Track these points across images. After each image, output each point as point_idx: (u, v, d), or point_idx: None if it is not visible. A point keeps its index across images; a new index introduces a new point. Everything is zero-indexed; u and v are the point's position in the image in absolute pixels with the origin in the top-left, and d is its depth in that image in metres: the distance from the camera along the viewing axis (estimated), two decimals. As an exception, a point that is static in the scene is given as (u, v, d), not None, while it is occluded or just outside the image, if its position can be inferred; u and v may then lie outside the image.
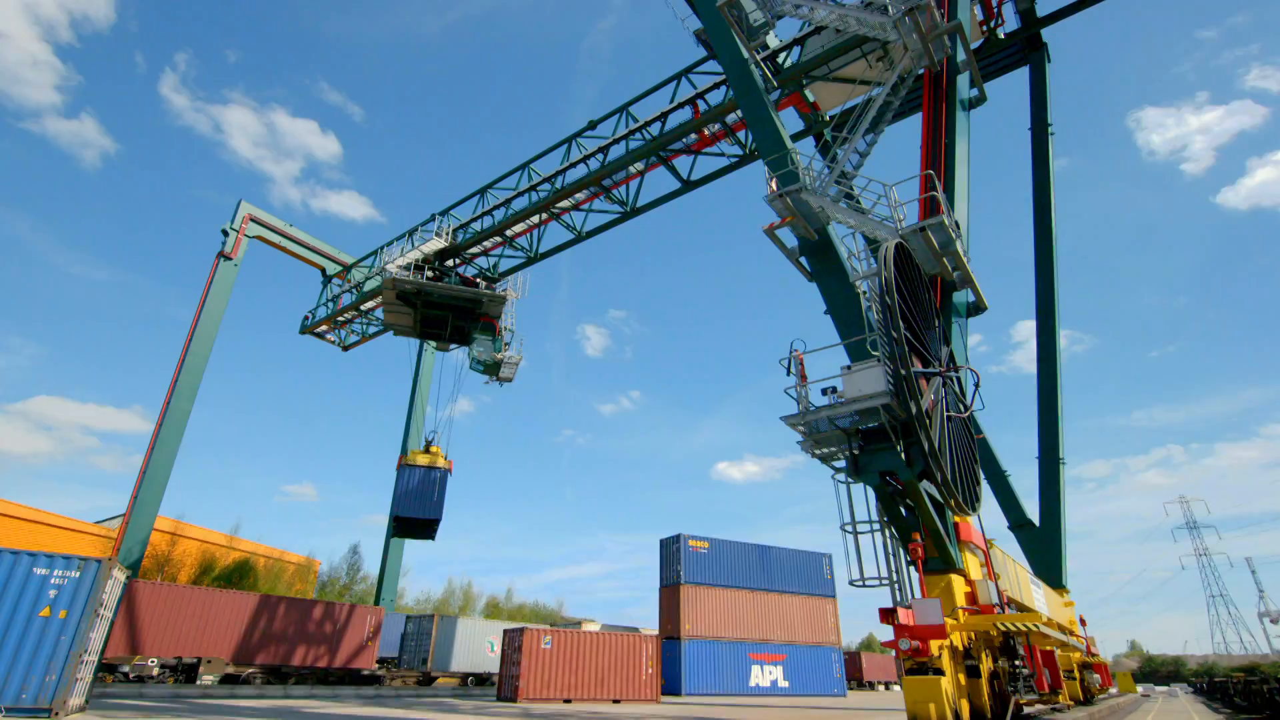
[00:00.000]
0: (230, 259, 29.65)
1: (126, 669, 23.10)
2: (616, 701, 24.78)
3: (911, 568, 9.69)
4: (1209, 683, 52.01)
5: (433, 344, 29.03)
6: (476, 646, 32.99)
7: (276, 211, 46.86)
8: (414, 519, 26.35)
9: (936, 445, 8.81)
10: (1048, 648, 13.92)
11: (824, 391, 9.65)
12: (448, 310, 26.59)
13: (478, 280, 27.40)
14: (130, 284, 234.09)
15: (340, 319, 29.49)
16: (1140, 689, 54.32)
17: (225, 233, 29.96)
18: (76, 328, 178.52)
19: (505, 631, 25.36)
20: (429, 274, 26.14)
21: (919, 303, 9.84)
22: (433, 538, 28.65)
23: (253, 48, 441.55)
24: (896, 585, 9.65)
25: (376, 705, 19.99)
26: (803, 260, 12.77)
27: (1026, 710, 11.91)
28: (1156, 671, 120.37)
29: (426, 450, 27.08)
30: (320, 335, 31.99)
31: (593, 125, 23.14)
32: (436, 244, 26.39)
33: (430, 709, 18.55)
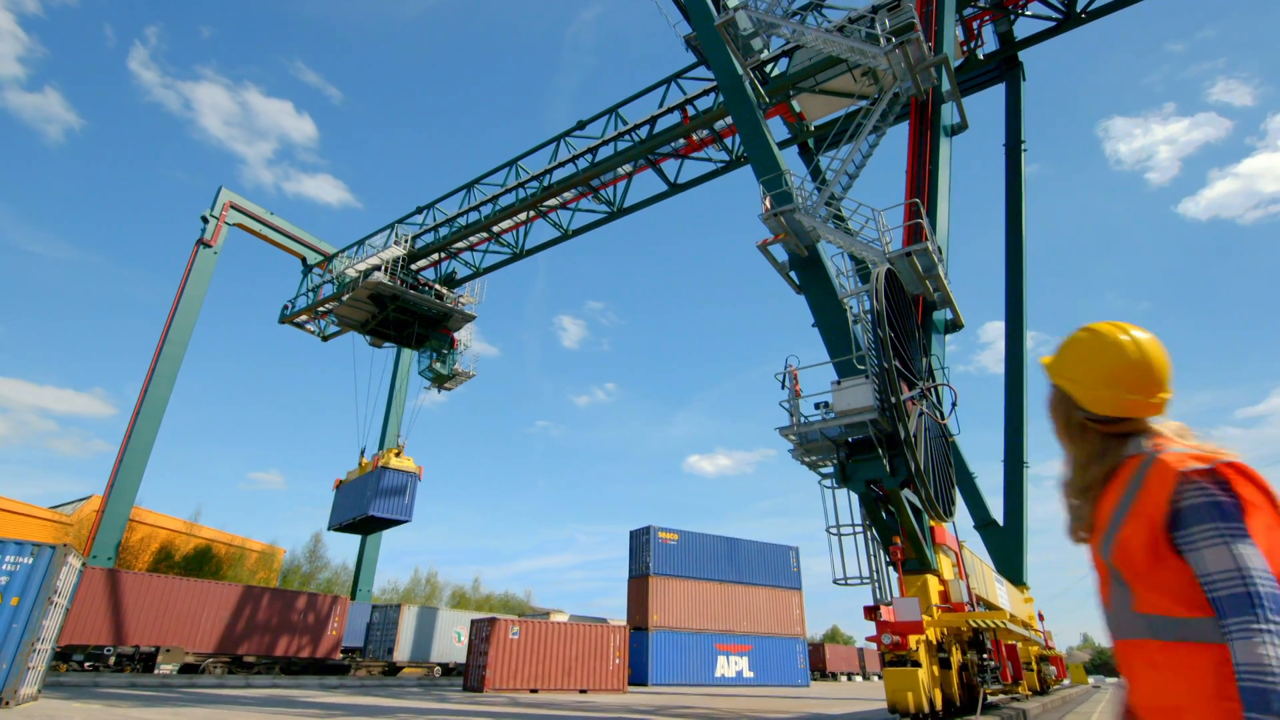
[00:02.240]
0: (210, 246, 29.29)
1: (81, 657, 22.85)
2: (584, 691, 25.19)
3: (891, 568, 10.36)
4: (1153, 674, 54.15)
5: (367, 338, 29.49)
6: (443, 636, 33.12)
7: (248, 194, 46.03)
8: (381, 519, 26.47)
9: (922, 466, 9.46)
10: (1011, 642, 14.81)
11: (816, 406, 10.25)
12: (414, 318, 27.59)
13: (437, 285, 28.23)
14: (93, 264, 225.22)
15: (320, 309, 29.35)
16: (1092, 680, 56.56)
17: (205, 219, 29.54)
18: (35, 307, 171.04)
19: (473, 621, 25.53)
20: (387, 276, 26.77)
21: (903, 321, 10.46)
22: (367, 533, 29.03)
23: (227, 23, 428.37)
24: (877, 584, 10.31)
25: (346, 694, 20.13)
26: (792, 274, 13.34)
27: (990, 699, 12.74)
28: (1107, 663, 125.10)
29: (398, 453, 27.26)
30: (300, 325, 31.72)
31: (582, 125, 23.37)
32: (396, 251, 26.95)
33: (409, 697, 18.78)
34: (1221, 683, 1.25)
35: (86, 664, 22.84)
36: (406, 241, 27.17)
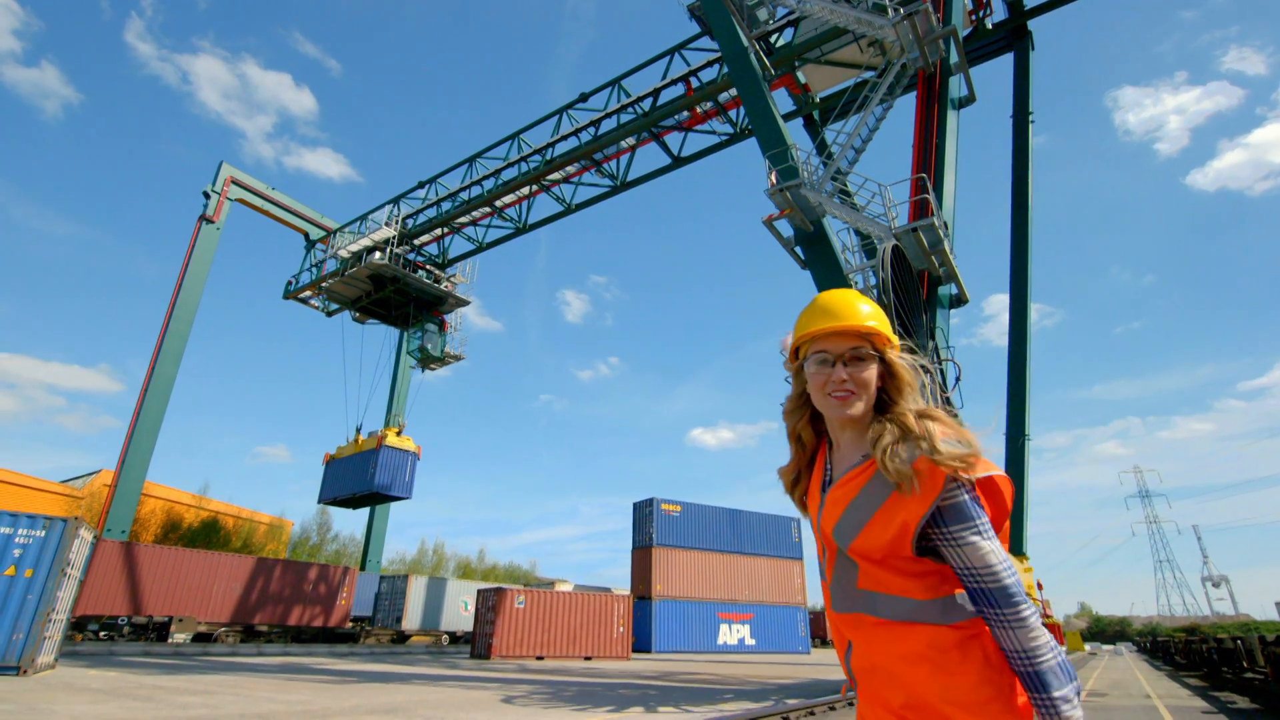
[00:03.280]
0: (213, 222, 29.20)
1: (97, 627, 23.33)
2: (589, 658, 25.66)
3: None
4: (1152, 642, 54.90)
5: (353, 314, 30.06)
6: (450, 606, 33.69)
7: (248, 169, 45.69)
8: (384, 495, 26.88)
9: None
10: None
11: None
12: (410, 299, 28.32)
13: (435, 269, 28.85)
14: (94, 240, 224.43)
15: (324, 284, 29.43)
16: (1088, 647, 57.38)
17: (206, 195, 29.38)
18: (39, 283, 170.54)
19: (480, 591, 25.94)
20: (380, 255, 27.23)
21: (909, 296, 10.48)
22: (358, 507, 29.87)
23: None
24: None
25: (358, 661, 20.56)
26: (798, 249, 13.31)
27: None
28: (1104, 631, 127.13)
29: (399, 433, 27.60)
30: (304, 301, 31.62)
31: (584, 98, 23.09)
32: (387, 232, 27.26)
33: (420, 664, 19.21)
34: (934, 654, 1.39)
35: (102, 634, 23.33)
36: (398, 223, 27.37)
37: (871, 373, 1.56)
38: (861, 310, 1.59)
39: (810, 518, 1.69)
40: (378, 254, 26.27)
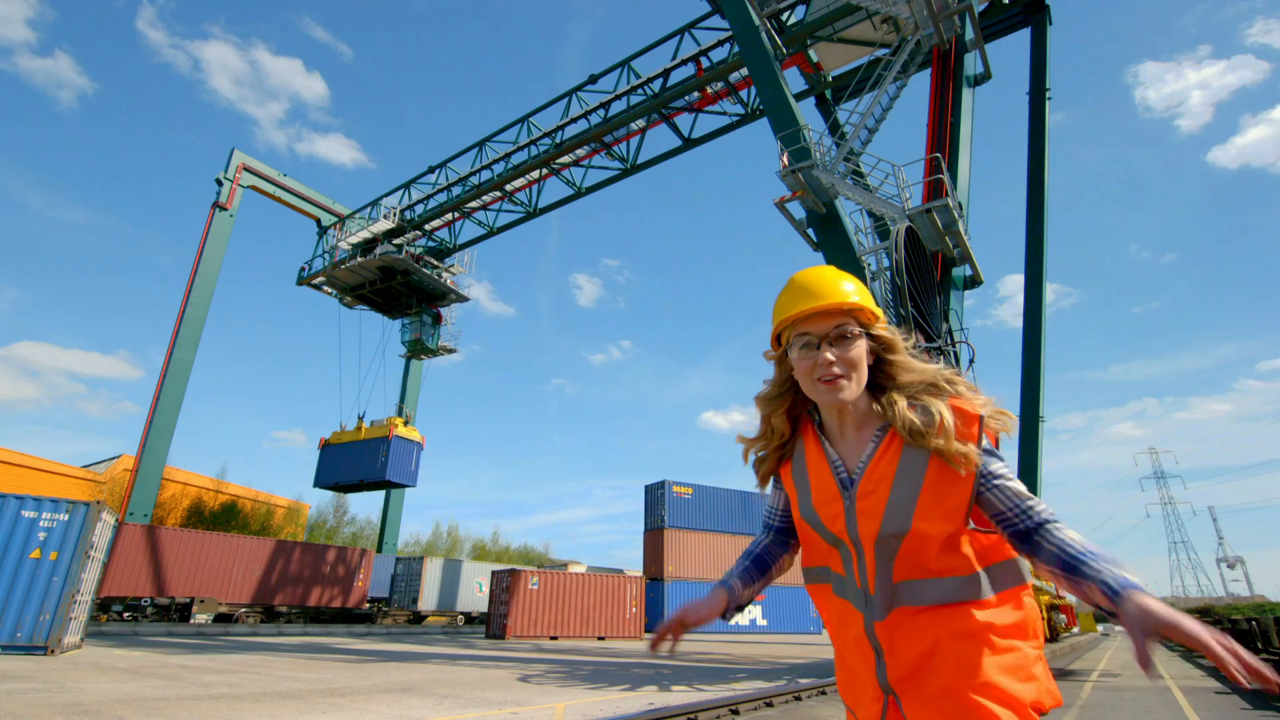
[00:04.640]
0: (226, 209, 29.38)
1: (121, 608, 23.85)
2: (602, 638, 25.96)
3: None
4: (1163, 623, 54.76)
5: (344, 299, 30.70)
6: (466, 587, 34.13)
7: (261, 156, 45.89)
8: (393, 483, 27.21)
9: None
10: (1020, 593, 15.02)
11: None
12: (414, 291, 29.05)
13: (429, 258, 29.36)
14: (111, 228, 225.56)
15: (333, 271, 29.54)
16: (1100, 629, 57.07)
17: (219, 182, 29.51)
18: (57, 271, 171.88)
19: (494, 572, 26.25)
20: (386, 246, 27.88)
21: (922, 277, 10.40)
22: (351, 492, 30.36)
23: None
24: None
25: (376, 640, 20.88)
26: (810, 232, 13.20)
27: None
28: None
29: (406, 423, 27.95)
30: (317, 287, 31.62)
31: (594, 79, 22.90)
32: (385, 225, 27.73)
33: (438, 644, 19.51)
34: (981, 628, 1.36)
35: (126, 614, 23.85)
36: (395, 215, 27.69)
37: (859, 350, 1.47)
38: (844, 287, 1.50)
39: (820, 521, 1.52)
40: (389, 244, 26.67)
